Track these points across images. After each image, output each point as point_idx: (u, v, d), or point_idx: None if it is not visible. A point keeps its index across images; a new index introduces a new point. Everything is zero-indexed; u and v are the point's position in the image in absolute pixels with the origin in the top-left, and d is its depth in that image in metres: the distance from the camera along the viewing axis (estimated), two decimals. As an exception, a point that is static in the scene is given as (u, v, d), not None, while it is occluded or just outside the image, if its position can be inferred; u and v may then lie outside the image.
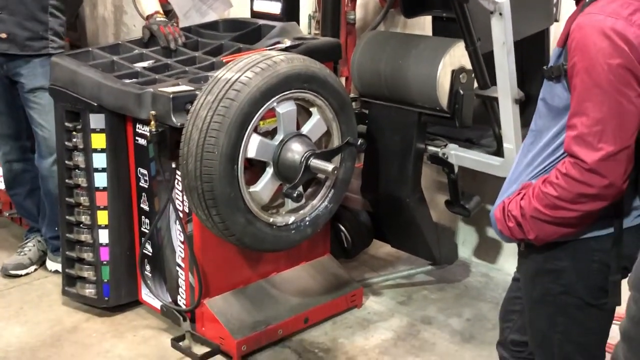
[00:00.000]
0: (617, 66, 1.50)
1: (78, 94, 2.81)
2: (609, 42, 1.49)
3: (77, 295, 3.04)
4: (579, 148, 1.56)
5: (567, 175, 1.58)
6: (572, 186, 1.58)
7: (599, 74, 1.51)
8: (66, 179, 2.94)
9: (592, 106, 1.53)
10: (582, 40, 1.53)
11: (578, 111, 1.56)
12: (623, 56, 1.49)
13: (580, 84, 1.55)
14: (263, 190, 2.49)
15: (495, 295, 3.19)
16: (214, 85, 2.34)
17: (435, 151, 2.91)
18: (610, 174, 1.55)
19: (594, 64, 1.51)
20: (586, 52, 1.52)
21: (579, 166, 1.56)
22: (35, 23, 3.08)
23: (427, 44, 2.84)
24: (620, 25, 1.50)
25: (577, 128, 1.56)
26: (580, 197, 1.58)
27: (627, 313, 1.05)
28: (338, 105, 2.61)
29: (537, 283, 1.79)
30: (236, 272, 2.85)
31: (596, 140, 1.54)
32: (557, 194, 1.60)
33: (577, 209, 1.60)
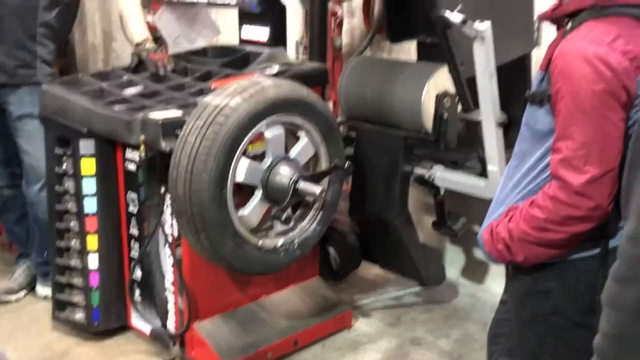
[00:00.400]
0: (600, 91, 1.53)
1: (68, 121, 2.84)
2: (592, 69, 1.53)
3: (67, 320, 3.04)
4: (565, 171, 1.59)
5: (554, 198, 1.61)
6: (559, 208, 1.61)
7: (583, 99, 1.55)
8: (56, 204, 2.95)
9: (577, 130, 1.57)
10: (565, 66, 1.57)
11: (563, 135, 1.60)
12: (606, 82, 1.53)
13: (565, 108, 1.58)
14: (252, 213, 2.52)
15: (483, 316, 3.21)
16: (203, 110, 2.38)
17: (421, 173, 2.95)
18: (596, 196, 1.58)
19: (577, 90, 1.55)
20: (570, 78, 1.56)
21: (566, 189, 1.59)
22: (23, 51, 3.11)
23: (412, 69, 2.90)
24: (602, 51, 1.53)
25: (562, 152, 1.59)
26: (568, 219, 1.61)
27: (600, 329, 1.08)
28: (325, 129, 2.65)
29: (526, 304, 1.81)
30: (225, 295, 2.87)
31: (582, 164, 1.57)
32: (545, 216, 1.63)
33: (565, 230, 1.63)
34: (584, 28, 1.59)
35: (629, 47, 1.54)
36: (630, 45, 1.54)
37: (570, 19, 1.66)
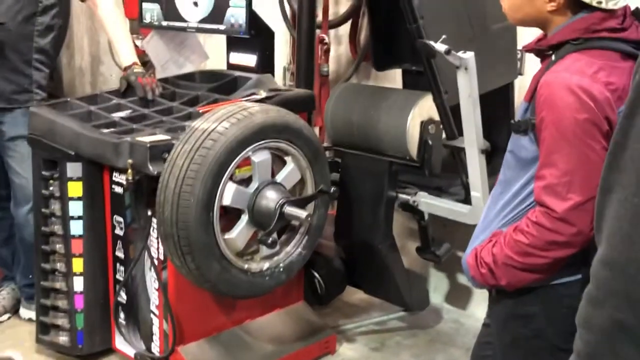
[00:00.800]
0: (583, 121, 1.58)
1: (56, 143, 2.85)
2: (576, 98, 1.58)
3: (51, 343, 3.03)
4: (548, 198, 1.63)
5: (538, 224, 1.65)
6: (543, 234, 1.65)
7: (566, 128, 1.59)
8: (42, 226, 2.95)
9: (561, 158, 1.61)
10: (550, 96, 1.62)
11: (547, 163, 1.64)
12: (589, 111, 1.58)
13: (549, 137, 1.63)
14: (238, 237, 2.54)
15: (466, 341, 3.23)
16: (191, 134, 2.40)
17: (406, 199, 2.99)
18: (579, 222, 1.62)
19: (561, 119, 1.60)
20: (554, 107, 1.61)
21: (549, 215, 1.63)
22: (20, 76, 3.14)
23: (397, 96, 2.95)
24: (586, 82, 1.58)
25: (546, 179, 1.64)
26: (551, 245, 1.65)
27: (574, 349, 1.12)
28: (312, 154, 2.69)
29: (509, 328, 1.84)
30: (210, 319, 2.87)
31: (565, 191, 1.61)
32: (529, 242, 1.67)
33: (547, 255, 1.67)
34: (568, 60, 1.65)
35: (611, 79, 1.59)
36: (612, 77, 1.60)
37: (554, 51, 1.71)
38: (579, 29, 1.65)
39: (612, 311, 1.01)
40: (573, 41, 1.66)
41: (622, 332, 1.00)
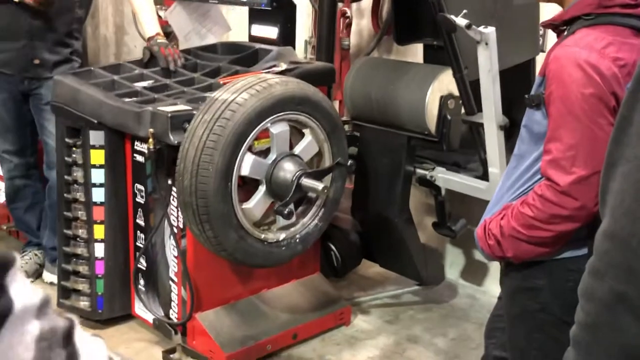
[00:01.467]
0: (589, 96, 1.59)
1: (79, 111, 2.90)
2: (583, 73, 1.59)
3: (72, 307, 3.10)
4: (553, 171, 1.65)
5: (542, 197, 1.67)
6: (547, 207, 1.66)
7: (572, 103, 1.61)
8: (65, 193, 3.02)
9: (566, 132, 1.63)
10: (558, 70, 1.63)
11: (553, 137, 1.66)
12: (596, 87, 1.58)
13: (556, 111, 1.64)
14: (255, 207, 2.57)
15: (480, 317, 3.25)
16: (211, 105, 2.43)
17: (423, 174, 3.00)
18: (582, 196, 1.63)
19: (568, 93, 1.61)
20: (562, 82, 1.62)
21: (553, 188, 1.65)
22: (63, 47, 3.24)
23: (417, 71, 2.95)
24: (593, 57, 1.59)
25: (552, 153, 1.65)
26: (554, 218, 1.67)
27: (575, 319, 1.14)
28: (330, 127, 2.70)
29: (516, 300, 1.87)
30: (228, 287, 2.92)
31: (569, 165, 1.63)
32: (533, 215, 1.69)
33: (551, 229, 1.68)
34: (579, 34, 1.65)
35: (620, 55, 1.59)
36: (621, 52, 1.60)
37: (567, 26, 1.71)
38: (590, 4, 1.65)
39: (613, 283, 1.02)
40: (585, 16, 1.66)
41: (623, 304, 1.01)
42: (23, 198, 3.46)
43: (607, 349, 1.06)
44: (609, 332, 1.04)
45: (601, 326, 1.05)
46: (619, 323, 1.02)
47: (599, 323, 1.06)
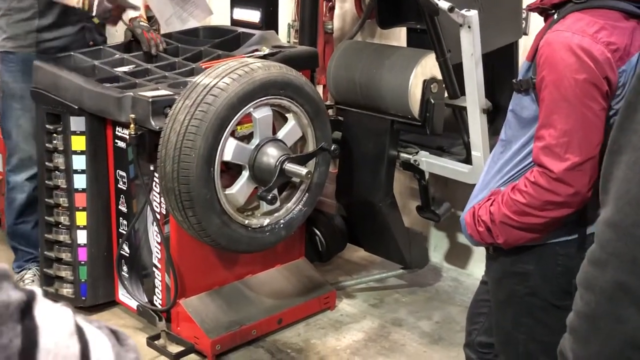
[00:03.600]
0: (583, 81, 1.58)
1: (59, 97, 2.87)
2: (576, 58, 1.58)
3: (55, 294, 3.08)
4: (546, 158, 1.64)
5: (536, 184, 1.66)
6: (540, 194, 1.66)
7: (566, 88, 1.60)
8: (46, 180, 2.99)
9: (559, 118, 1.62)
10: (550, 55, 1.62)
11: (546, 123, 1.65)
12: (589, 72, 1.58)
13: (549, 97, 1.63)
14: (239, 192, 2.56)
15: (465, 299, 3.27)
16: (193, 90, 2.41)
17: (407, 158, 3.00)
18: (576, 183, 1.63)
19: (561, 79, 1.60)
20: (554, 67, 1.61)
21: (547, 175, 1.64)
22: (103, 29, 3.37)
23: (400, 54, 2.94)
24: (586, 42, 1.58)
25: (544, 139, 1.64)
26: (547, 205, 1.66)
27: (573, 308, 1.13)
28: (313, 111, 2.69)
29: (504, 285, 1.87)
30: (212, 273, 2.91)
31: (563, 151, 1.62)
32: (526, 201, 1.68)
33: (544, 215, 1.68)
34: (570, 19, 1.64)
35: (612, 39, 1.59)
36: (613, 37, 1.59)
37: (557, 10, 1.70)
38: None
39: (615, 273, 1.01)
40: (575, 0, 1.65)
41: (625, 294, 1.00)
42: (34, 212, 3.14)
43: (606, 339, 1.05)
44: (609, 323, 1.03)
45: (601, 316, 1.05)
46: (620, 314, 1.01)
47: (598, 313, 1.05)
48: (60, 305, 0.68)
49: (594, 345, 1.07)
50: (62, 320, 0.66)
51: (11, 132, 3.10)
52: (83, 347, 0.66)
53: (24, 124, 3.04)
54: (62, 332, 0.65)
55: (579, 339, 1.11)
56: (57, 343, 0.64)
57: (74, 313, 0.68)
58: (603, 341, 1.05)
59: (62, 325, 0.65)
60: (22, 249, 3.23)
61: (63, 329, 0.65)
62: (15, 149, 3.09)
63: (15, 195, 3.13)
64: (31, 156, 3.07)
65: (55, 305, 0.66)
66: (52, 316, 0.64)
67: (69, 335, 0.65)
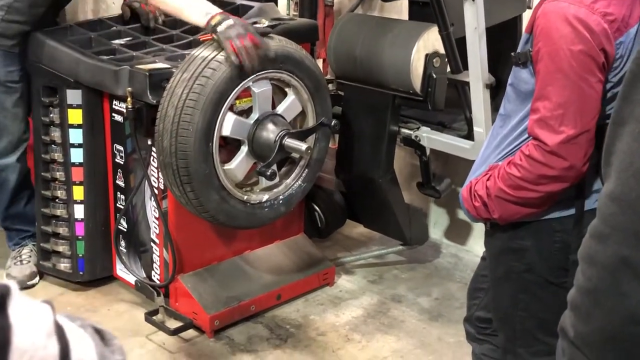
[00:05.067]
0: (578, 52, 1.55)
1: (55, 70, 2.82)
2: (572, 29, 1.55)
3: (52, 269, 3.07)
4: (541, 131, 1.62)
5: (530, 157, 1.64)
6: (534, 167, 1.64)
7: (561, 60, 1.57)
8: (42, 154, 2.95)
9: (554, 90, 1.59)
10: (546, 26, 1.59)
11: (541, 95, 1.62)
12: (585, 43, 1.55)
13: (544, 68, 1.60)
14: (237, 168, 2.53)
15: (464, 276, 3.26)
16: (191, 62, 2.37)
17: (408, 133, 2.96)
18: (571, 156, 1.61)
19: (557, 50, 1.57)
20: (550, 38, 1.58)
21: (541, 148, 1.62)
22: None
23: (402, 28, 2.89)
24: (582, 12, 1.55)
25: (539, 112, 1.62)
26: (542, 179, 1.64)
27: (575, 283, 1.11)
28: (313, 86, 2.65)
29: (501, 261, 1.85)
30: (210, 248, 2.90)
31: (557, 124, 1.59)
32: (520, 175, 1.66)
33: (539, 189, 1.66)
34: None
35: (610, 10, 1.55)
36: (611, 7, 1.56)
37: None
38: None
39: (617, 247, 0.99)
40: None
41: (627, 269, 0.98)
42: (27, 189, 3.11)
43: (607, 315, 1.03)
44: (611, 298, 1.01)
45: (603, 291, 1.03)
46: (622, 288, 0.99)
47: (600, 288, 1.03)
48: (39, 302, 0.62)
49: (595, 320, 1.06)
50: (40, 318, 0.60)
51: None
52: (63, 347, 0.61)
53: (10, 107, 2.95)
54: (39, 331, 0.60)
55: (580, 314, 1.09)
56: (34, 343, 0.59)
57: (54, 311, 0.62)
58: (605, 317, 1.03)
59: (39, 324, 0.60)
60: (17, 227, 3.16)
61: (40, 327, 0.60)
62: (4, 132, 2.99)
63: (7, 176, 3.04)
64: (19, 137, 2.99)
65: (33, 302, 0.61)
66: (28, 314, 0.59)
67: (47, 335, 0.60)
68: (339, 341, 2.81)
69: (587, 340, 1.07)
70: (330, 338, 2.83)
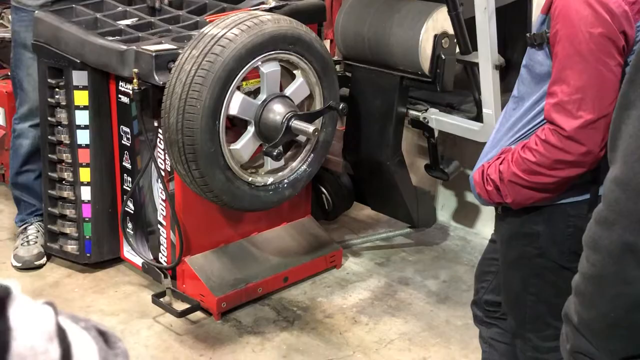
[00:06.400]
0: (598, 35, 1.52)
1: (61, 51, 2.80)
2: (591, 11, 1.52)
3: (59, 251, 3.07)
4: (558, 115, 1.59)
5: (546, 142, 1.61)
6: (551, 152, 1.61)
7: (580, 42, 1.54)
8: (49, 135, 2.94)
9: (573, 74, 1.56)
10: (565, 8, 1.55)
11: (558, 79, 1.59)
12: (605, 25, 1.51)
13: (562, 51, 1.57)
14: (243, 148, 2.51)
15: (472, 258, 3.25)
16: (200, 40, 2.35)
17: (416, 115, 2.94)
18: (588, 141, 1.58)
19: (575, 32, 1.54)
20: (569, 20, 1.55)
21: (558, 133, 1.59)
22: None
23: (410, 8, 2.86)
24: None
25: (557, 95, 1.59)
26: (558, 164, 1.62)
27: (579, 269, 1.10)
28: (321, 68, 2.63)
29: (513, 246, 1.83)
30: (217, 231, 2.89)
31: (575, 108, 1.56)
32: (536, 160, 1.63)
33: (555, 174, 1.63)
34: None
35: None
36: None
37: None
38: None
39: (622, 232, 0.98)
40: None
41: (632, 255, 0.97)
42: (38, 161, 3.08)
43: (611, 301, 1.02)
44: (615, 284, 1.00)
45: (607, 277, 1.01)
46: (627, 275, 0.98)
47: (604, 274, 1.02)
48: (40, 303, 0.60)
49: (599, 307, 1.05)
50: (41, 321, 0.58)
51: (22, 80, 3.05)
52: (64, 351, 0.59)
53: (34, 73, 2.98)
54: (40, 334, 0.57)
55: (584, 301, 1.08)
56: (33, 347, 0.56)
57: (57, 312, 0.60)
58: (608, 303, 1.02)
59: (40, 327, 0.57)
60: (25, 199, 3.19)
61: (41, 331, 0.58)
62: (26, 98, 3.05)
63: (21, 142, 3.09)
64: (37, 105, 3.00)
65: (34, 304, 0.59)
66: (29, 317, 0.57)
67: (48, 339, 0.58)
68: (346, 323, 2.81)
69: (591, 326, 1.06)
70: (338, 320, 2.83)
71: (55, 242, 3.06)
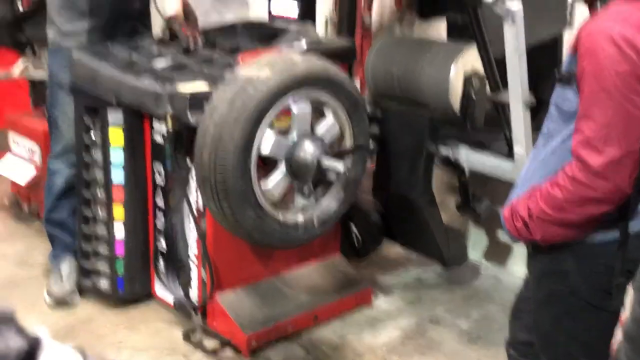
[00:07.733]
0: (624, 73, 1.53)
1: (97, 91, 2.87)
2: (617, 49, 1.53)
3: (92, 288, 3.10)
4: (585, 151, 1.59)
5: (573, 179, 1.61)
6: (578, 189, 1.61)
7: (605, 80, 1.54)
8: (83, 173, 3.00)
9: (599, 111, 1.57)
10: (590, 45, 1.57)
11: (585, 115, 1.60)
12: (630, 63, 1.52)
13: (588, 88, 1.58)
14: (274, 187, 2.54)
15: (504, 298, 3.20)
16: (233, 81, 2.40)
17: (447, 154, 2.94)
18: (615, 177, 1.58)
19: (601, 70, 1.55)
20: (594, 58, 1.56)
21: (585, 170, 1.59)
22: None
23: (440, 48, 2.88)
24: (629, 32, 1.53)
25: (583, 132, 1.59)
26: (586, 201, 1.61)
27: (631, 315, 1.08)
28: (351, 107, 2.65)
29: (543, 284, 1.82)
30: (248, 268, 2.90)
31: (602, 144, 1.57)
32: (564, 197, 1.63)
33: (582, 211, 1.63)
34: (613, 8, 1.59)
35: None
36: None
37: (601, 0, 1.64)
38: None
39: None
40: None
41: None
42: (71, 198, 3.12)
43: None
44: None
45: None
46: None
47: None
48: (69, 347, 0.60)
49: None
50: None
51: (57, 119, 3.12)
52: None
53: (70, 112, 3.05)
54: None
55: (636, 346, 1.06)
56: None
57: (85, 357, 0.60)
58: None
59: None
60: (58, 236, 3.22)
61: None
62: (61, 136, 3.11)
63: (55, 179, 3.15)
64: (72, 144, 3.07)
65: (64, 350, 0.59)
66: None
67: None
68: (377, 363, 2.79)
69: None
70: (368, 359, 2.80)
71: (88, 278, 3.10)
